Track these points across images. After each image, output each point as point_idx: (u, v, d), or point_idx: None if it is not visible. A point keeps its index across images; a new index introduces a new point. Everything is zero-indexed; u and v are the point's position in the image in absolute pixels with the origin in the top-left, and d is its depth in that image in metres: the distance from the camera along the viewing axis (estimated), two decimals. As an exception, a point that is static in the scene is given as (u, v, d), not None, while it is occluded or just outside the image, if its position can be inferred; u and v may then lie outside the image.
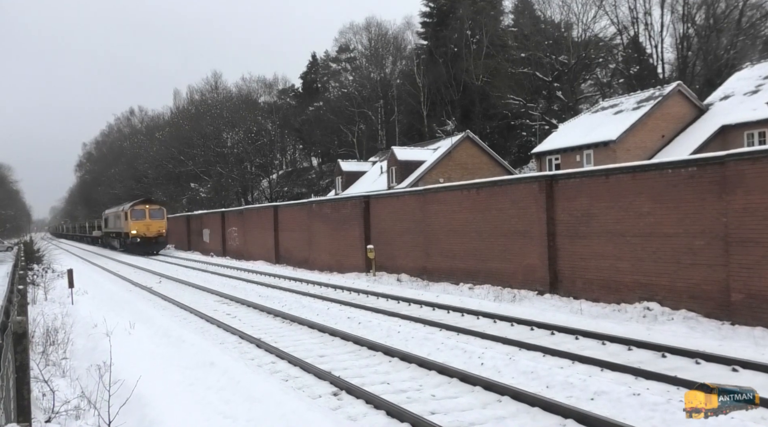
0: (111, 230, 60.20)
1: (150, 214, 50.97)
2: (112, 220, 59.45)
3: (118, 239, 56.23)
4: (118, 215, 55.53)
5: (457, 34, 61.94)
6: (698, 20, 50.42)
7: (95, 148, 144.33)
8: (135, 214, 50.71)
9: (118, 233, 55.63)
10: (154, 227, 50.86)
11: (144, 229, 50.30)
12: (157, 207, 52.64)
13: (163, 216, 52.11)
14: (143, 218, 50.51)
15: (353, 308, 17.04)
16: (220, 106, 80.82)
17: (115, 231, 57.21)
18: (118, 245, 56.57)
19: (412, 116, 65.21)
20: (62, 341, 11.70)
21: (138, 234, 50.07)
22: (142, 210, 51.11)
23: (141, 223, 50.32)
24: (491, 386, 8.85)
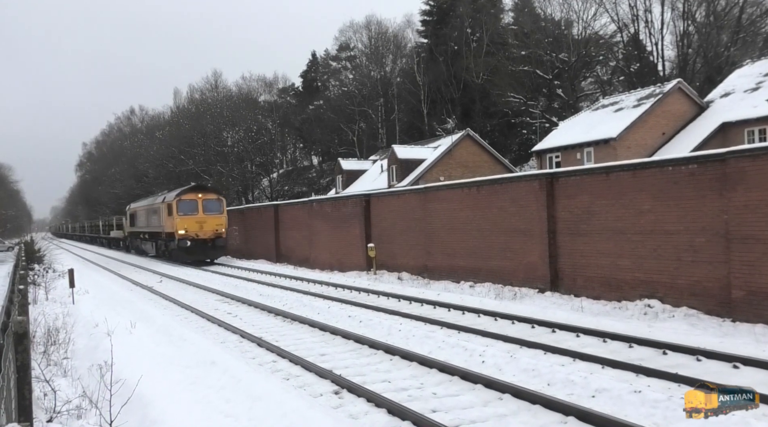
0: (141, 228, 46.63)
1: (204, 206, 36.43)
2: (142, 216, 45.76)
3: (154, 241, 42.41)
4: (154, 209, 41.16)
5: (457, 32, 61.89)
6: (698, 17, 50.38)
7: (95, 147, 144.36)
8: (184, 206, 36.02)
9: (155, 234, 41.81)
10: (211, 224, 36.24)
11: (196, 227, 35.87)
12: (214, 196, 37.46)
13: (221, 209, 37.48)
14: (194, 211, 36.05)
15: (354, 306, 17.04)
16: (221, 105, 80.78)
17: (149, 231, 43.61)
18: (153, 250, 43.05)
19: (412, 114, 65.19)
20: (63, 340, 11.71)
21: (188, 235, 35.43)
22: (193, 201, 36.25)
23: (192, 219, 35.87)
24: (492, 384, 8.85)
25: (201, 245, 36.00)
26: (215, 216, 36.64)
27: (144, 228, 45.30)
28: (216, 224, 36.47)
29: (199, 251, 35.96)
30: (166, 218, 37.42)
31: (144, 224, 44.87)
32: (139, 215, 47.10)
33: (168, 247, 38.34)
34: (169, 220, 36.75)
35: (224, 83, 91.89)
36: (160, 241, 40.38)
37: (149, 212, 42.85)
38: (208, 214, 36.38)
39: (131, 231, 51.13)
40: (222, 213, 37.13)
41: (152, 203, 42.46)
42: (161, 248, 40.44)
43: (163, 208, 37.93)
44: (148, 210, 43.52)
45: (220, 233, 36.50)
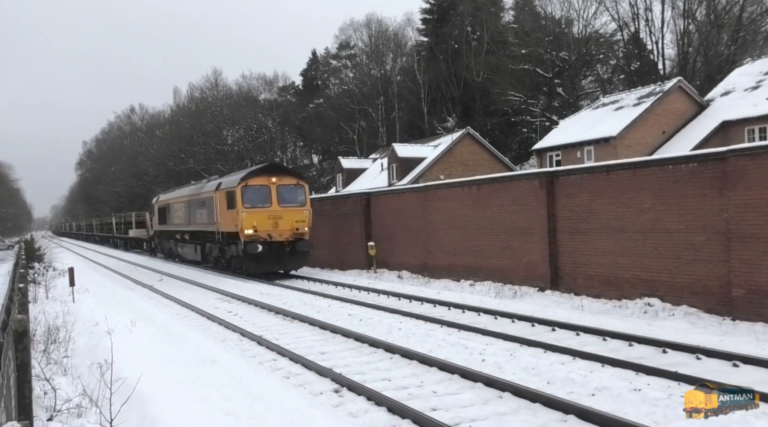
0: (177, 226, 35.54)
1: (280, 195, 25.50)
2: (180, 210, 34.83)
3: (199, 243, 31.56)
4: (201, 200, 30.53)
5: (457, 30, 61.88)
6: (699, 16, 50.37)
7: (96, 146, 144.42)
8: (251, 195, 25.23)
9: (201, 234, 31.07)
10: (288, 220, 25.33)
11: (268, 225, 25.00)
12: (293, 180, 26.35)
13: (304, 199, 26.10)
14: (266, 202, 25.26)
15: (354, 305, 17.04)
16: (221, 103, 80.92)
17: (192, 229, 32.68)
18: (197, 255, 32.05)
19: (412, 113, 65.19)
20: (63, 339, 11.72)
21: (257, 236, 24.66)
22: (263, 188, 25.44)
23: (263, 214, 25.04)
24: (492, 383, 8.85)
25: (276, 250, 24.89)
26: (295, 209, 25.42)
27: (182, 226, 34.41)
28: (296, 219, 25.21)
29: (272, 259, 24.97)
30: (222, 212, 26.66)
31: (182, 221, 34.15)
32: (174, 208, 36.28)
33: (225, 252, 27.50)
34: (228, 215, 25.95)
35: (224, 82, 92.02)
36: (210, 244, 29.50)
37: (192, 205, 32.01)
38: (286, 206, 25.30)
39: (161, 230, 40.33)
40: (304, 204, 25.74)
41: (197, 192, 31.47)
42: (212, 252, 29.54)
43: (218, 198, 27.11)
44: (190, 202, 32.54)
45: (301, 232, 25.11)
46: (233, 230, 25.46)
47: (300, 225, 25.12)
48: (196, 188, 33.17)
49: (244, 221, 24.54)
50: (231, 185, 25.91)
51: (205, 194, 29.84)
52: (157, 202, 41.78)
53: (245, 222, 24.52)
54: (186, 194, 34.12)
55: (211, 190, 28.55)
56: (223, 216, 26.64)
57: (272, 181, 25.32)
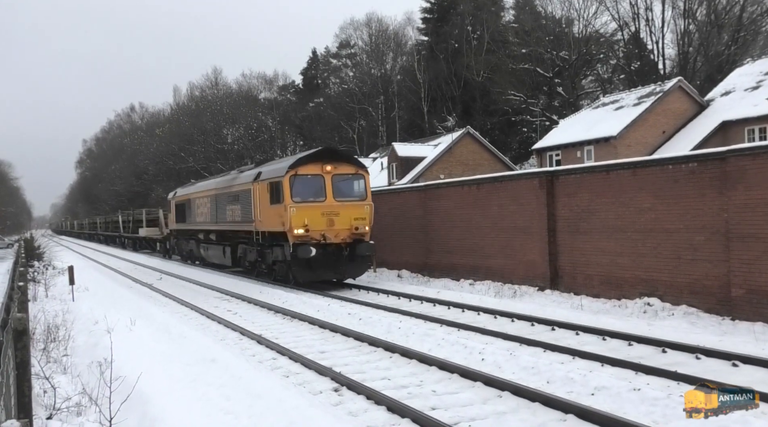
0: (201, 225, 30.57)
1: (336, 187, 21.02)
2: (205, 205, 29.68)
3: (230, 245, 26.74)
4: (234, 194, 25.52)
5: (457, 30, 61.86)
6: (699, 16, 50.36)
7: (95, 144, 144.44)
8: (301, 186, 20.75)
9: (234, 234, 26.13)
10: (346, 217, 20.82)
11: (322, 223, 20.52)
12: (351, 169, 21.60)
13: (364, 190, 21.50)
14: (319, 195, 20.80)
15: (353, 304, 17.04)
16: (221, 102, 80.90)
17: (221, 228, 27.56)
18: (227, 259, 27.21)
19: (412, 112, 65.18)
20: (63, 337, 11.72)
21: (309, 237, 20.25)
22: (316, 178, 20.90)
23: (315, 210, 20.56)
24: (492, 382, 8.85)
25: (331, 254, 20.25)
26: (354, 203, 20.72)
27: (206, 224, 29.51)
28: (355, 216, 20.51)
29: (327, 265, 20.33)
30: (263, 208, 21.76)
31: (207, 218, 29.19)
32: (196, 205, 31.24)
33: (266, 256, 22.65)
34: (271, 211, 21.07)
35: (224, 80, 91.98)
36: (245, 245, 24.70)
37: (221, 200, 27.03)
38: (343, 200, 20.64)
39: (179, 229, 35.49)
40: (365, 198, 20.96)
41: (228, 185, 26.43)
42: (247, 256, 24.61)
43: (257, 191, 22.20)
44: (217, 197, 27.57)
45: (361, 232, 20.44)
46: (278, 230, 20.71)
47: (360, 224, 20.43)
48: (225, 180, 27.73)
49: (294, 219, 19.80)
50: (276, 175, 20.88)
51: (238, 187, 24.83)
52: (175, 197, 36.26)
53: (295, 220, 19.80)
54: (212, 188, 28.75)
55: (248, 182, 23.49)
56: (264, 213, 21.72)
57: (326, 169, 20.54)
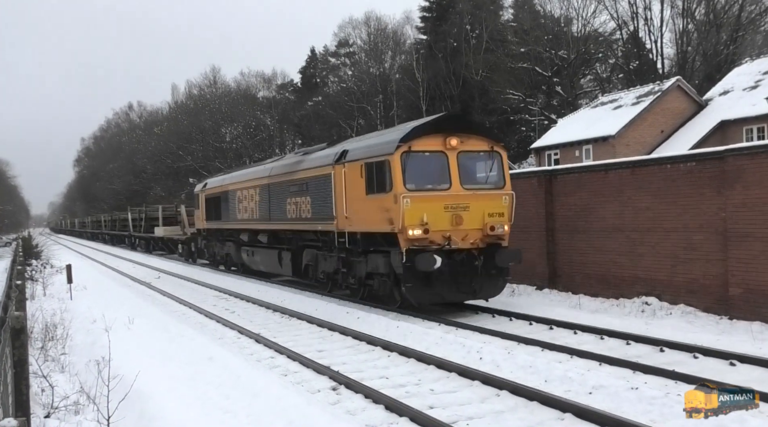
0: (245, 224, 23.96)
1: (464, 169, 14.57)
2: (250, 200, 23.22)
3: (294, 249, 20.20)
4: (295, 184, 19.26)
5: (456, 28, 61.83)
6: (698, 15, 50.38)
7: (93, 143, 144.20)
8: (417, 168, 14.23)
9: (291, 235, 20.30)
10: (478, 212, 14.29)
11: (446, 221, 13.94)
12: (483, 145, 14.84)
13: (502, 174, 15.05)
14: (443, 182, 14.26)
15: (351, 303, 17.02)
16: (219, 101, 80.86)
17: (273, 228, 21.37)
18: (287, 268, 20.85)
19: (411, 111, 65.11)
20: (61, 336, 11.71)
21: (428, 239, 13.77)
22: (437, 156, 14.33)
23: (436, 201, 14.02)
24: (490, 381, 8.86)
25: (460, 265, 14.18)
26: (488, 193, 14.85)
27: (252, 222, 22.85)
28: (490, 212, 14.54)
29: (454, 280, 14.19)
30: (353, 199, 15.63)
31: (255, 215, 22.46)
32: (237, 198, 24.30)
33: (356, 267, 16.32)
34: (369, 203, 14.92)
35: (223, 79, 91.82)
36: (317, 251, 18.54)
37: (278, 190, 20.34)
38: (473, 187, 14.72)
39: (211, 228, 28.66)
40: (502, 186, 15.11)
41: (291, 170, 19.60)
42: (321, 265, 18.45)
43: (343, 176, 15.97)
44: (272, 186, 20.81)
45: (498, 234, 14.57)
46: (378, 230, 14.48)
47: (496, 221, 14.25)
48: (283, 166, 20.63)
49: (408, 215, 13.53)
50: (377, 153, 14.52)
51: (307, 173, 18.15)
52: (205, 190, 29.25)
53: (410, 216, 13.52)
54: (263, 176, 21.78)
55: (324, 165, 16.98)
56: (354, 206, 15.35)
57: (451, 144, 14.09)
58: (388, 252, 14.48)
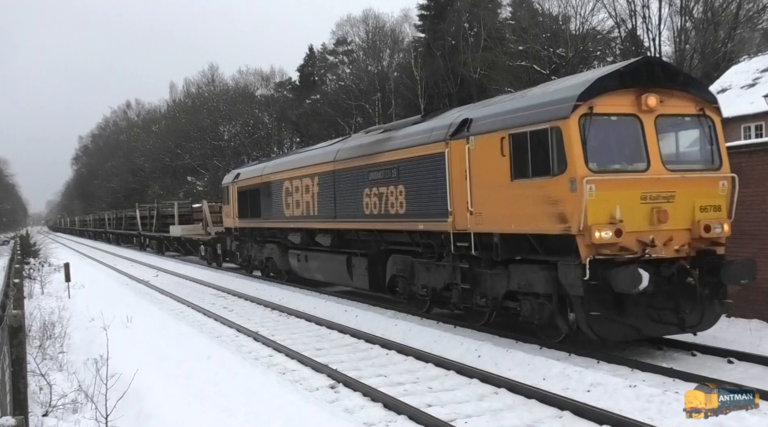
0: (299, 222, 18.98)
1: (665, 141, 10.28)
2: (304, 192, 18.32)
3: (370, 255, 15.59)
4: (381, 169, 14.34)
5: (454, 26, 61.85)
6: (696, 13, 50.37)
7: (91, 141, 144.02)
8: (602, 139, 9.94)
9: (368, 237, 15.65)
10: (686, 203, 9.84)
11: (644, 218, 9.60)
12: (690, 106, 10.35)
13: (716, 148, 10.49)
14: (638, 159, 9.98)
15: (349, 300, 17.02)
16: (217, 99, 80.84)
17: (342, 228, 16.55)
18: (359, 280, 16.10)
19: (409, 109, 65.05)
20: (59, 334, 11.70)
21: (620, 244, 9.40)
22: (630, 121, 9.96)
23: (631, 186, 9.65)
24: (488, 379, 8.87)
25: (670, 281, 9.61)
26: (701, 177, 10.35)
27: (309, 220, 18.37)
28: (703, 201, 10.06)
29: (660, 306, 9.69)
30: (490, 187, 11.13)
31: (312, 210, 17.94)
32: (286, 190, 19.80)
33: (490, 283, 11.58)
34: (517, 192, 10.59)
35: (221, 77, 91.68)
36: (413, 258, 13.94)
37: (351, 179, 15.88)
38: (679, 168, 10.32)
39: (248, 227, 23.76)
40: (718, 166, 10.54)
41: (374, 150, 14.95)
42: (426, 279, 13.50)
43: (468, 154, 11.57)
44: (335, 175, 16.60)
45: (715, 236, 10.06)
46: (534, 230, 10.46)
47: (713, 220, 10.15)
48: (358, 146, 15.97)
49: (593, 208, 9.51)
50: (533, 118, 10.45)
51: (397, 153, 13.72)
52: (237, 181, 24.40)
53: (595, 210, 9.53)
54: (324, 160, 17.18)
55: (433, 141, 12.61)
56: (487, 196, 11.29)
57: (648, 104, 10.02)
58: (550, 263, 10.15)
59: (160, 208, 44.99)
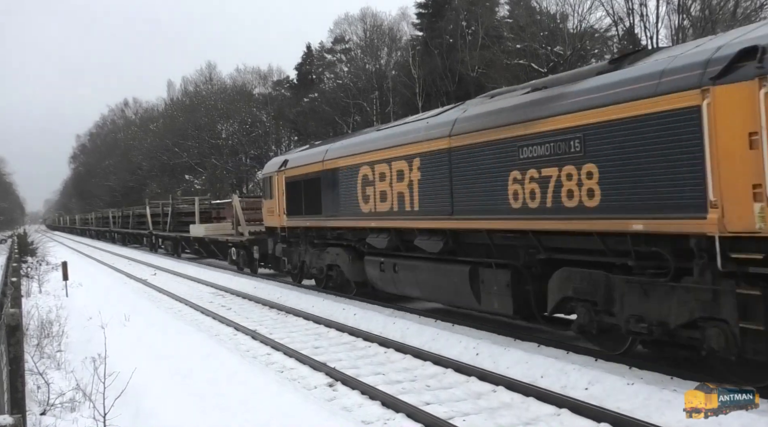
0: (383, 220, 14.28)
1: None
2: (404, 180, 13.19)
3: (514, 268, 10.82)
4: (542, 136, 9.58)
5: (452, 25, 61.92)
6: (693, 11, 50.45)
7: (89, 140, 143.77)
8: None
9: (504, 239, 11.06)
10: None
11: None
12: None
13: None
14: None
15: (347, 299, 17.02)
16: (215, 97, 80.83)
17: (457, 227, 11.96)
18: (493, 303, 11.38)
19: (407, 108, 65.10)
20: (57, 333, 11.68)
21: None
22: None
23: None
24: (486, 376, 8.87)
25: None
26: None
27: (412, 218, 13.32)
28: None
29: None
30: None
31: (417, 205, 12.98)
32: (365, 178, 14.97)
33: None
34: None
35: (218, 75, 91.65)
36: (609, 275, 9.03)
37: (494, 158, 10.69)
38: None
39: (300, 226, 19.30)
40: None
41: (525, 115, 10.08)
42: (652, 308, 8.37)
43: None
44: (479, 150, 11.09)
45: None
46: None
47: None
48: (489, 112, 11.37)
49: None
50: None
51: (578, 116, 9.10)
52: (285, 169, 19.91)
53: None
54: (430, 137, 12.68)
55: (673, 90, 7.78)
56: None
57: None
58: None
59: (176, 205, 40.34)
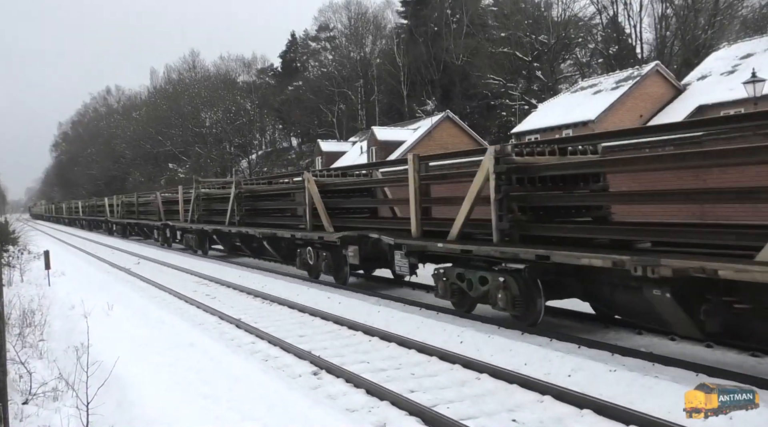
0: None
1: None
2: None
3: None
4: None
5: (437, 13, 61.73)
6: (677, 0, 50.64)
7: (71, 128, 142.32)
8: None
9: None
10: None
11: None
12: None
13: None
14: None
15: (332, 288, 17.03)
16: (198, 85, 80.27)
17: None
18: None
19: (392, 96, 65.03)
20: (39, 322, 11.58)
21: None
22: None
23: None
24: (470, 364, 8.91)
25: None
26: None
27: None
28: None
29: None
30: None
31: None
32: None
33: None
34: None
35: (202, 63, 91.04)
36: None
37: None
38: None
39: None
40: None
41: None
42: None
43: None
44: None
45: None
46: None
47: None
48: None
49: None
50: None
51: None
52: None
53: None
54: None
55: None
56: None
57: None
58: None
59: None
